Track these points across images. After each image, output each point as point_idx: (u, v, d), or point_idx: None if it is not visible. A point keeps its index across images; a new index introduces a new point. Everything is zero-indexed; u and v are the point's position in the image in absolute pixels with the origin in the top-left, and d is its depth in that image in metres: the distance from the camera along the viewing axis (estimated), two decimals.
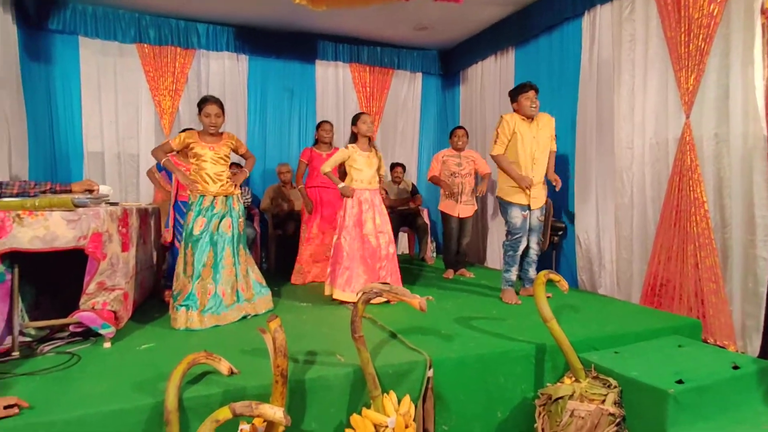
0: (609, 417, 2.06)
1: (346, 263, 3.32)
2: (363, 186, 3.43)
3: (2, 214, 2.16)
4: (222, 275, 2.91)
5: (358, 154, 3.44)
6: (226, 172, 3.06)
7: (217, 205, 2.98)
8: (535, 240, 3.52)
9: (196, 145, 2.97)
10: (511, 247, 3.45)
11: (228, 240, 2.97)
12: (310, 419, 1.97)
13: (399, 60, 5.89)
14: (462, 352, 2.30)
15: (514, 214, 3.41)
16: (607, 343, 2.56)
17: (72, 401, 1.76)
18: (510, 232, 3.46)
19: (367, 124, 3.46)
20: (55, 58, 4.67)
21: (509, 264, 3.46)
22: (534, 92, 3.37)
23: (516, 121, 3.39)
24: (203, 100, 3.02)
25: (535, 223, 3.49)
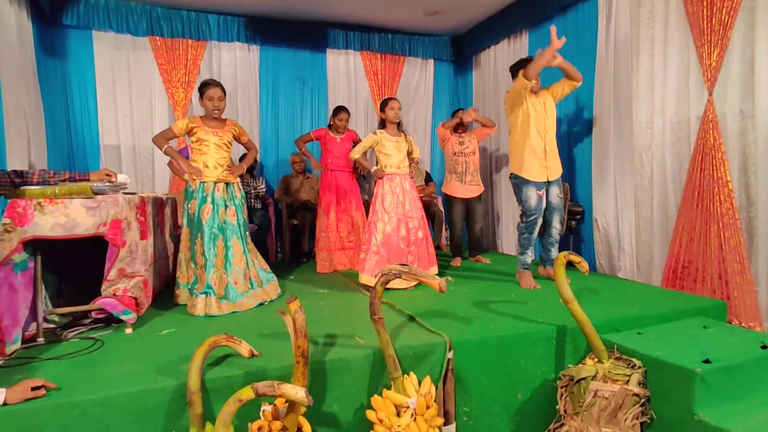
0: (633, 397, 2.03)
1: (374, 248, 3.31)
2: (392, 170, 3.44)
3: (24, 202, 2.19)
4: (233, 264, 2.90)
5: (387, 139, 3.45)
6: (228, 159, 3.04)
7: (219, 192, 2.95)
8: (557, 219, 3.43)
9: (199, 129, 2.94)
10: (527, 229, 3.38)
11: (235, 229, 2.96)
12: (331, 401, 1.98)
13: (410, 47, 5.82)
14: (481, 334, 2.28)
15: (529, 194, 3.33)
16: (630, 325, 2.51)
17: (97, 383, 1.78)
18: (525, 213, 3.38)
19: (395, 110, 3.47)
20: (70, 52, 4.72)
21: (525, 247, 3.39)
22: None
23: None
24: (204, 83, 2.97)
25: (556, 201, 3.41)
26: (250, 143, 3.25)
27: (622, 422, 2.01)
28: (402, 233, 3.35)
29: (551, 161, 3.39)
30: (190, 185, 2.92)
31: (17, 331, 2.20)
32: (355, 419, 2.00)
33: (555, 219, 3.44)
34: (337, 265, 4.21)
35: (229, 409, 1.53)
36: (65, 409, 1.64)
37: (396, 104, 3.47)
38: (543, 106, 3.38)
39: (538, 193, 3.34)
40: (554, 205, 3.42)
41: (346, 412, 2.00)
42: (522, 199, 3.39)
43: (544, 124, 3.36)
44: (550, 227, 3.46)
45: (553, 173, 3.40)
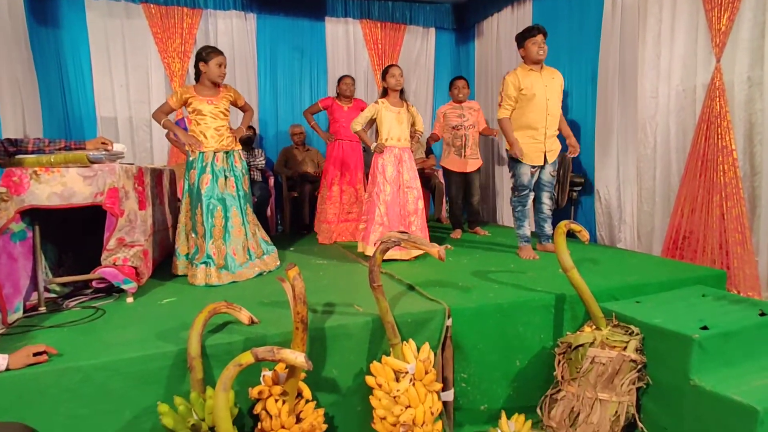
0: (630, 363, 2.05)
1: (378, 220, 3.27)
2: (392, 143, 3.34)
3: (20, 171, 2.17)
4: (232, 235, 2.89)
5: (387, 110, 3.33)
6: (226, 126, 2.99)
7: (219, 162, 2.92)
8: (547, 195, 3.40)
9: (193, 99, 2.88)
10: (519, 202, 3.35)
11: (234, 200, 2.93)
12: (330, 366, 2.00)
13: (411, 15, 5.68)
14: (480, 302, 2.29)
15: (523, 171, 3.29)
16: (629, 293, 2.52)
17: (99, 349, 1.80)
18: (516, 188, 3.35)
19: (396, 77, 3.32)
20: (63, 21, 4.61)
21: (521, 220, 3.37)
22: (542, 36, 3.18)
23: (520, 75, 3.22)
24: (212, 49, 2.90)
25: (547, 178, 3.37)
26: (247, 105, 3.19)
27: (618, 387, 2.03)
28: (401, 202, 3.32)
29: (550, 144, 3.30)
30: (190, 156, 2.90)
31: (18, 300, 2.21)
32: (354, 384, 2.03)
33: (544, 195, 3.40)
34: (338, 236, 4.20)
35: (229, 373, 1.54)
36: (68, 373, 1.66)
37: (397, 71, 3.34)
38: (549, 84, 3.24)
39: (531, 170, 3.30)
40: (544, 182, 3.37)
41: (345, 377, 2.02)
42: (514, 174, 3.35)
43: (546, 105, 3.23)
44: (540, 203, 3.43)
45: (552, 155, 3.33)
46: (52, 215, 2.32)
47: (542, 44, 3.18)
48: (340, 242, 4.15)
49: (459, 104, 4.33)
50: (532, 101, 3.21)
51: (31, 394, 1.61)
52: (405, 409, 1.88)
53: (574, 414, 2.06)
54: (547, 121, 3.26)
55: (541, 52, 3.18)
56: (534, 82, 3.21)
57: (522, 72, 3.24)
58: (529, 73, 3.23)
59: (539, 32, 3.19)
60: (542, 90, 3.22)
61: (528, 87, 3.20)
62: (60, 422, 1.64)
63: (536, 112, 3.23)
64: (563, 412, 2.09)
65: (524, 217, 3.37)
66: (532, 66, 3.24)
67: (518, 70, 3.27)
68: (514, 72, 3.27)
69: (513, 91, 3.23)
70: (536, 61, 3.23)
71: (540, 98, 3.22)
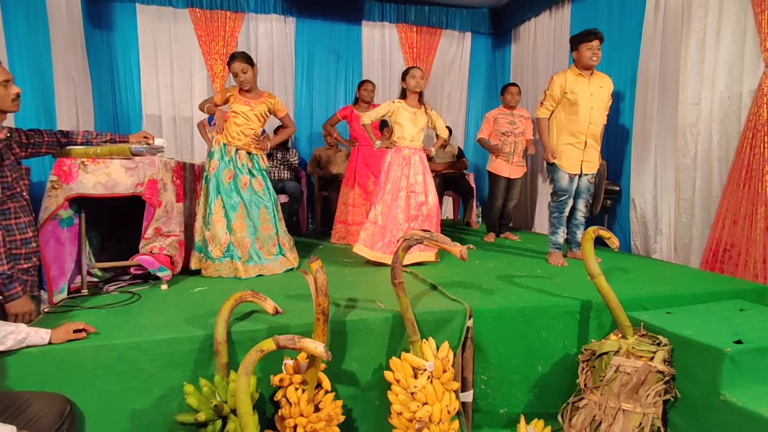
0: (657, 374, 1.99)
1: (372, 218, 3.24)
2: (404, 143, 3.34)
3: (69, 161, 2.33)
4: (260, 231, 2.94)
5: (404, 109, 3.32)
6: (255, 131, 3.04)
7: (241, 159, 2.98)
8: (582, 203, 3.36)
9: (233, 99, 2.99)
10: (557, 208, 3.31)
11: (263, 198, 3.00)
12: (350, 360, 2.04)
13: (448, 19, 5.69)
14: (503, 304, 2.27)
15: (561, 175, 3.26)
16: (660, 304, 2.44)
17: (132, 330, 1.90)
18: (555, 193, 3.31)
19: (416, 78, 3.30)
20: (116, 25, 4.89)
21: (555, 226, 3.33)
22: (598, 42, 3.12)
23: (569, 78, 3.18)
24: (230, 57, 2.97)
25: (584, 185, 3.33)
26: (287, 119, 3.21)
27: (643, 398, 1.97)
28: (401, 205, 3.21)
29: (589, 155, 3.24)
30: (213, 144, 3.00)
31: (64, 282, 2.37)
32: (373, 378, 2.06)
33: (580, 202, 3.36)
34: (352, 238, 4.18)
35: (251, 358, 1.60)
36: (104, 350, 1.77)
37: (418, 73, 3.31)
38: (595, 92, 3.17)
39: (570, 175, 3.26)
40: (581, 188, 3.33)
41: (364, 371, 2.05)
42: (553, 179, 3.33)
43: (589, 114, 3.17)
44: (575, 209, 3.38)
45: (588, 167, 3.27)
46: (97, 204, 2.47)
47: (597, 50, 3.12)
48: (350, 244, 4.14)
49: (510, 110, 4.32)
50: (575, 107, 3.17)
51: (70, 367, 1.73)
52: (421, 405, 1.89)
53: (595, 423, 2.02)
54: (588, 130, 3.20)
55: (594, 59, 3.13)
56: (581, 89, 3.16)
57: (571, 75, 3.20)
58: (578, 78, 3.18)
59: (596, 38, 3.11)
60: (587, 98, 3.17)
61: (574, 92, 3.16)
62: (94, 396, 1.74)
63: (578, 119, 3.18)
64: (584, 421, 2.05)
65: (560, 224, 3.32)
66: (582, 71, 3.19)
67: (568, 72, 3.23)
68: (564, 73, 3.23)
69: (558, 91, 3.19)
70: (587, 67, 3.17)
71: (584, 106, 3.16)
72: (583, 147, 3.23)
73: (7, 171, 1.84)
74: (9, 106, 1.86)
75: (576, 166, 3.25)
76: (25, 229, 1.92)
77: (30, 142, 2.08)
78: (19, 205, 1.90)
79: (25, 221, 1.92)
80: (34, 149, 2.11)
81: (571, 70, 3.23)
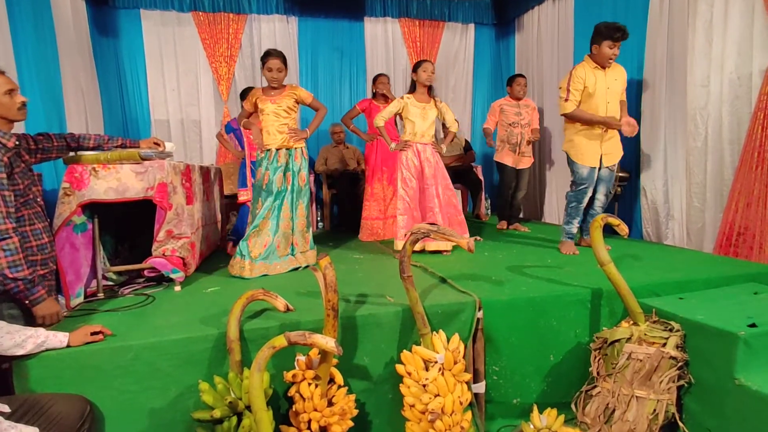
0: (670, 360, 1.98)
1: (404, 214, 3.31)
2: (415, 139, 3.36)
3: (80, 168, 2.37)
4: (279, 227, 2.98)
5: (413, 105, 3.33)
6: (289, 124, 3.05)
7: (280, 159, 3.01)
8: (603, 191, 3.30)
9: (259, 100, 3.02)
10: (575, 198, 3.26)
11: (287, 193, 3.01)
12: (362, 354, 2.06)
13: (450, 11, 5.67)
14: (513, 295, 2.27)
15: (582, 165, 3.21)
16: (672, 290, 2.42)
17: (148, 331, 1.94)
18: (575, 182, 3.26)
19: (428, 72, 3.30)
20: (121, 31, 4.96)
21: (571, 216, 3.29)
22: (620, 43, 3.05)
23: (587, 71, 3.12)
24: (266, 54, 2.99)
25: (606, 174, 3.26)
26: (316, 103, 3.17)
27: (657, 384, 1.96)
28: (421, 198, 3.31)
29: (609, 147, 3.19)
30: (259, 154, 3.05)
31: (80, 286, 2.42)
32: (385, 372, 2.07)
33: (600, 190, 3.30)
34: (384, 234, 4.17)
35: (264, 354, 1.63)
36: (121, 351, 1.81)
37: (430, 67, 3.32)
38: (611, 85, 3.12)
39: (591, 165, 3.21)
40: (603, 176, 3.27)
41: (376, 365, 2.07)
42: (573, 170, 3.27)
43: (606, 108, 3.13)
44: (594, 198, 3.33)
45: (609, 158, 3.21)
46: (110, 209, 2.51)
47: (617, 50, 3.07)
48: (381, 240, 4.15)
49: (517, 101, 4.31)
50: (591, 101, 3.13)
51: (90, 369, 1.77)
52: (434, 397, 1.90)
53: (609, 410, 2.02)
54: None
55: (613, 59, 3.09)
56: (597, 82, 3.12)
57: (588, 68, 3.14)
58: (594, 71, 3.13)
59: (623, 38, 3.04)
60: (603, 92, 3.13)
61: (591, 86, 3.11)
62: (114, 396, 1.79)
63: (595, 113, 3.13)
64: (598, 409, 2.05)
65: (576, 214, 3.28)
66: (598, 65, 3.14)
67: (585, 65, 3.16)
68: (582, 65, 3.17)
69: (580, 84, 3.11)
70: (604, 65, 3.12)
71: (600, 100, 3.13)
72: (600, 141, 3.18)
73: (18, 179, 1.87)
74: (15, 115, 1.89)
75: (594, 159, 3.20)
76: (41, 235, 1.96)
77: (38, 147, 2.11)
78: (33, 211, 1.94)
79: (40, 227, 1.96)
80: (43, 154, 2.15)
81: (587, 62, 3.17)
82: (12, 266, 1.76)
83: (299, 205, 3.09)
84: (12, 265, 1.76)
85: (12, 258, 1.76)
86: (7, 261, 1.75)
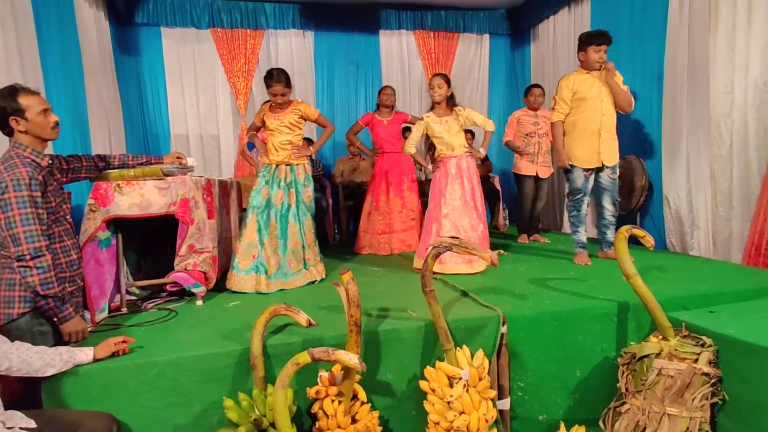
0: (702, 377, 1.91)
1: (434, 232, 3.19)
2: (447, 153, 3.31)
3: (105, 185, 2.41)
4: (288, 246, 2.98)
5: (434, 122, 3.29)
6: (292, 141, 3.08)
7: (280, 174, 3.03)
8: (609, 200, 3.28)
9: (265, 116, 3.09)
10: (574, 207, 3.29)
11: (293, 211, 3.02)
12: (385, 370, 2.04)
13: (465, 23, 5.69)
14: (537, 309, 2.24)
15: (576, 174, 3.24)
16: (701, 303, 2.35)
17: (171, 346, 1.95)
18: (570, 192, 3.30)
19: (433, 87, 3.29)
20: (142, 49, 5.08)
21: (575, 225, 3.30)
22: (606, 47, 3.11)
23: (575, 80, 3.19)
24: (268, 75, 3.00)
25: (606, 182, 3.25)
26: (323, 120, 3.20)
27: (689, 402, 1.90)
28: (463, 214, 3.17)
29: (606, 147, 3.19)
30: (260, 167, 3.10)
31: (104, 301, 2.45)
32: (408, 389, 2.05)
33: (605, 200, 3.28)
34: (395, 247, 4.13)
35: (288, 371, 1.62)
36: (145, 368, 1.82)
37: (435, 81, 3.29)
38: (603, 87, 3.15)
39: (585, 173, 3.22)
40: (604, 186, 3.26)
41: (399, 381, 2.05)
42: (568, 178, 3.31)
43: (600, 107, 3.15)
44: (602, 208, 3.31)
45: (607, 159, 3.20)
46: (133, 224, 2.55)
47: (603, 54, 3.13)
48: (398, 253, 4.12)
49: (533, 111, 4.31)
50: (586, 103, 3.16)
51: (115, 386, 1.78)
52: (459, 415, 1.87)
53: (639, 428, 1.95)
54: (601, 123, 3.17)
55: (600, 63, 3.13)
56: (589, 87, 3.16)
57: (578, 77, 3.21)
58: (585, 78, 3.19)
59: (604, 42, 3.11)
60: (597, 92, 3.15)
61: (582, 91, 3.16)
62: (139, 413, 1.79)
63: (590, 114, 3.17)
64: (627, 426, 1.99)
65: (579, 222, 3.28)
66: (588, 71, 3.19)
67: (574, 74, 3.25)
68: (569, 76, 3.25)
69: (568, 93, 3.20)
70: (592, 69, 3.17)
71: (594, 100, 3.16)
72: (597, 140, 3.18)
73: (51, 197, 1.92)
74: (49, 134, 1.94)
75: (592, 159, 3.20)
76: (69, 252, 1.99)
77: (70, 167, 2.16)
78: (63, 228, 1.98)
79: (69, 244, 2.00)
80: (74, 174, 2.20)
81: (577, 71, 3.25)
82: (44, 283, 1.79)
83: (306, 221, 3.11)
84: (44, 282, 1.79)
85: (44, 276, 1.79)
86: (39, 278, 1.78)
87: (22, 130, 1.86)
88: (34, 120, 1.87)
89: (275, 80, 2.98)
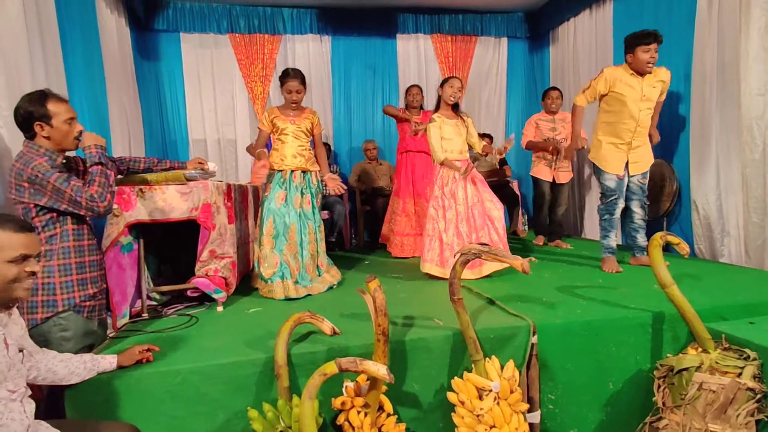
0: (747, 392, 1.82)
1: (435, 235, 3.20)
2: (453, 156, 3.27)
3: (128, 189, 2.40)
4: (307, 251, 2.95)
5: (445, 123, 3.27)
6: (307, 148, 3.03)
7: (296, 179, 2.98)
8: (638, 204, 3.20)
9: (277, 119, 2.98)
10: (607, 210, 3.18)
11: (310, 216, 3.00)
12: (411, 381, 1.98)
13: (482, 26, 5.63)
14: (568, 318, 2.16)
15: (608, 176, 3.14)
16: (739, 313, 2.26)
17: (194, 354, 1.92)
18: (603, 194, 3.20)
19: (454, 89, 3.25)
20: (162, 54, 5.11)
21: (607, 230, 3.20)
22: (656, 45, 2.97)
23: (619, 76, 3.04)
24: (284, 73, 2.96)
25: (635, 186, 3.18)
26: (318, 139, 3.13)
27: (732, 419, 1.81)
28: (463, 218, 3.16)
29: (637, 155, 3.11)
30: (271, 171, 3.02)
31: (126, 306, 2.43)
32: (435, 400, 1.99)
33: (635, 204, 3.20)
34: (413, 251, 4.10)
35: (315, 382, 1.57)
36: (168, 376, 1.78)
37: (457, 83, 3.26)
38: (647, 93, 3.03)
39: (618, 175, 3.13)
40: (634, 190, 3.18)
41: (426, 393, 1.99)
42: (600, 181, 3.22)
43: (638, 116, 3.04)
44: (631, 212, 3.23)
45: (638, 167, 3.12)
46: (154, 228, 2.53)
47: (654, 54, 2.98)
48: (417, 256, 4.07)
49: (551, 115, 4.26)
50: (623, 108, 3.05)
51: (139, 394, 1.75)
52: (489, 429, 1.80)
53: None
54: (635, 133, 3.07)
55: (651, 64, 2.99)
56: (632, 91, 3.03)
57: (624, 73, 3.06)
58: (630, 78, 3.05)
59: (655, 40, 2.96)
60: (637, 101, 3.03)
61: (623, 92, 3.03)
62: (162, 422, 1.76)
63: (625, 121, 3.06)
64: None
65: (611, 227, 3.19)
66: (635, 72, 3.05)
67: (621, 68, 3.10)
68: (617, 68, 3.10)
69: (603, 87, 3.07)
70: (642, 72, 3.03)
71: (632, 108, 3.04)
72: (627, 149, 3.10)
73: None
74: (70, 144, 1.91)
75: (620, 167, 3.12)
76: (94, 251, 1.98)
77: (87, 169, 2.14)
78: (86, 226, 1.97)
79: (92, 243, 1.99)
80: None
81: (624, 67, 3.10)
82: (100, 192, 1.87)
83: (320, 227, 3.09)
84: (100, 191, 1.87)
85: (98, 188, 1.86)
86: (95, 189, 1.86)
87: (45, 135, 1.84)
88: (59, 127, 1.85)
89: (292, 77, 2.93)
